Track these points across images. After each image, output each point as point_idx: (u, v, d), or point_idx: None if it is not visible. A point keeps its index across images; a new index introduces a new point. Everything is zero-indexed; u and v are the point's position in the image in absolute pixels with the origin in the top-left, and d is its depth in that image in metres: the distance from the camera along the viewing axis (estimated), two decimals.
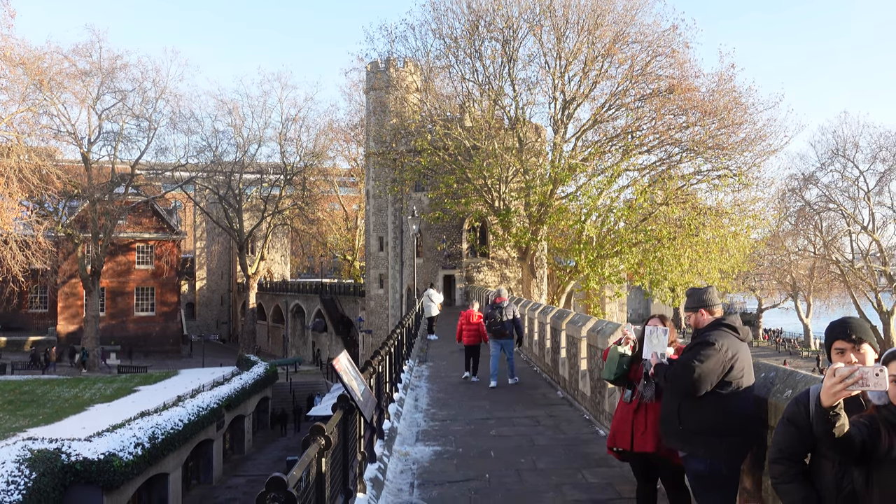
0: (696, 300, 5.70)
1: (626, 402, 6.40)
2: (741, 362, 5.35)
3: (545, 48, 38.96)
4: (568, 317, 15.32)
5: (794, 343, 74.39)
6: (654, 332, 5.79)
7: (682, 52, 38.17)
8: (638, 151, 38.65)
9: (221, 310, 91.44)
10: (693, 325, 5.71)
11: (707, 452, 5.26)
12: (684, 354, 5.43)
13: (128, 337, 66.81)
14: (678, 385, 5.34)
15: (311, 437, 5.03)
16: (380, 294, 51.79)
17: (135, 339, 67.03)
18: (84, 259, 58.12)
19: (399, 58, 48.07)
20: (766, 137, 37.93)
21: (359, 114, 70.15)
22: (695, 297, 5.74)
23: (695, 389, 5.24)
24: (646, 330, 5.93)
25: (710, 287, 5.86)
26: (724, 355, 5.26)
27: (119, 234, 64.34)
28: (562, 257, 43.93)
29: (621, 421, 6.38)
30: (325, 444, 5.05)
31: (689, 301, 5.78)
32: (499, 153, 38.00)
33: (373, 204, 52.04)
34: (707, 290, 5.78)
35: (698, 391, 5.24)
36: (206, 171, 67.93)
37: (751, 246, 42.47)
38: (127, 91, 57.85)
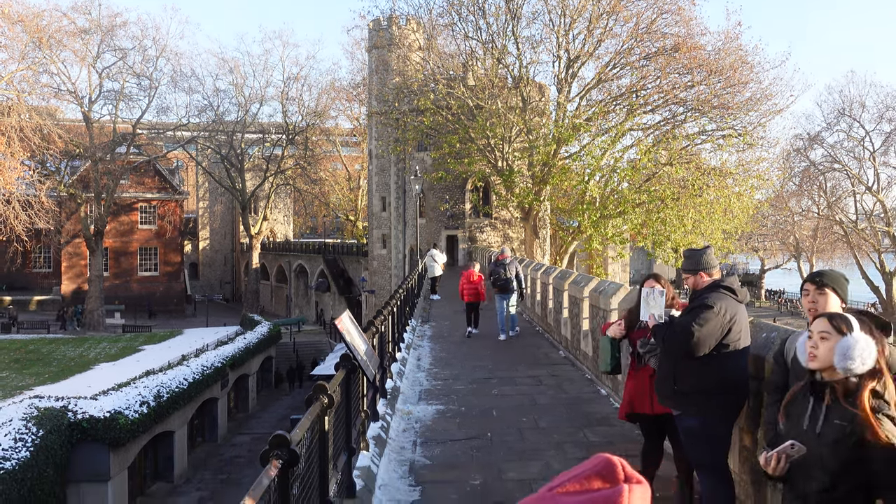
0: (694, 262, 5.70)
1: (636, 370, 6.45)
2: (738, 324, 5.39)
3: (549, 5, 38.43)
4: (570, 277, 15.36)
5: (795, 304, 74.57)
6: (651, 293, 5.80)
7: (688, 9, 37.66)
8: (642, 111, 38.31)
9: (225, 270, 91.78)
10: (691, 287, 5.72)
11: (700, 411, 5.32)
12: (683, 317, 5.45)
13: (132, 296, 67.19)
14: (676, 347, 5.37)
15: (314, 395, 5.08)
16: (382, 254, 51.89)
17: (139, 298, 67.41)
18: (87, 219, 58.19)
19: (402, 15, 47.54)
20: (772, 97, 37.61)
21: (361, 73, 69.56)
22: (693, 259, 5.73)
23: (693, 352, 5.28)
24: (642, 292, 5.94)
25: (708, 248, 5.85)
26: (722, 318, 5.29)
27: (121, 193, 64.31)
28: (565, 218, 43.85)
29: (636, 388, 6.43)
30: (327, 403, 5.10)
31: (686, 263, 5.78)
32: (502, 113, 37.73)
33: (375, 164, 51.86)
34: (705, 251, 5.77)
35: (696, 353, 5.28)
36: (207, 130, 67.59)
37: (754, 206, 42.32)
38: (127, 49, 57.42)
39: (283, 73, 74.11)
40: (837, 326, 3.48)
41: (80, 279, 64.34)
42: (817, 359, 3.50)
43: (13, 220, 40.63)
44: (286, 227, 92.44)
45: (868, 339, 3.44)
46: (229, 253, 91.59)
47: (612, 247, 44.42)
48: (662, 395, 5.63)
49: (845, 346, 3.41)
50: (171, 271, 70.84)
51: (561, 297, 15.86)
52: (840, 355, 3.42)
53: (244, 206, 72.41)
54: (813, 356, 3.52)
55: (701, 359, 5.30)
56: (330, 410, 5.19)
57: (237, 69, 71.14)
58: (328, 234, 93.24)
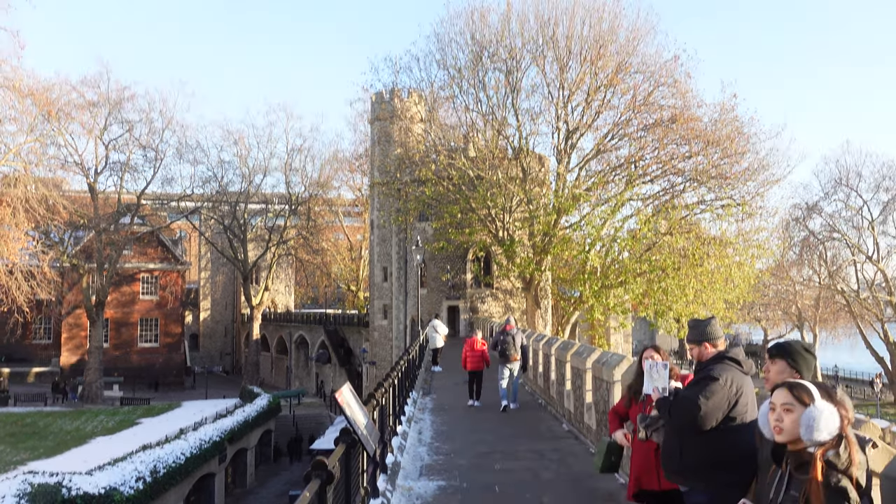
0: (699, 333, 5.65)
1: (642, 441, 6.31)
2: (745, 396, 5.30)
3: (548, 79, 39.29)
4: (573, 348, 15.22)
5: None
6: (655, 366, 5.72)
7: (683, 82, 38.42)
8: (641, 181, 38.71)
9: (225, 341, 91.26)
10: (696, 358, 5.65)
11: (708, 486, 5.18)
12: (689, 389, 5.36)
13: (131, 368, 66.63)
14: (683, 421, 5.27)
15: (312, 471, 4.97)
16: (383, 325, 51.64)
17: (138, 370, 66.84)
18: (89, 289, 58.17)
19: (403, 88, 48.47)
20: (769, 167, 38.05)
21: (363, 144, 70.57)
22: (697, 330, 5.68)
23: (700, 426, 5.17)
24: (645, 365, 5.86)
25: (713, 319, 5.80)
26: (728, 390, 5.20)
27: (124, 264, 64.42)
28: (566, 287, 43.81)
29: (642, 462, 6.27)
30: (326, 479, 4.99)
31: (691, 333, 5.72)
32: (502, 183, 38.12)
33: (377, 234, 52.11)
34: (709, 322, 5.72)
35: (703, 427, 5.17)
36: (211, 201, 68.16)
37: (755, 276, 42.28)
38: (134, 121, 58.36)
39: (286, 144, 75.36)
40: (799, 397, 3.48)
41: (80, 350, 63.91)
42: (784, 432, 3.52)
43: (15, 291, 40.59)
44: (287, 298, 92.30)
45: (831, 407, 3.46)
46: (230, 324, 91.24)
47: (614, 317, 44.23)
48: (669, 471, 5.50)
49: (810, 418, 3.43)
50: (172, 342, 70.43)
51: (563, 369, 15.70)
52: (805, 427, 3.43)
53: (246, 276, 72.46)
54: (779, 429, 3.53)
55: (708, 433, 5.19)
56: (329, 487, 5.07)
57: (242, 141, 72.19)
58: (329, 305, 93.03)
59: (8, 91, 38.40)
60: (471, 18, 40.08)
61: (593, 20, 38.63)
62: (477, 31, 39.89)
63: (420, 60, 41.93)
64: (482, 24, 39.96)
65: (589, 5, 38.89)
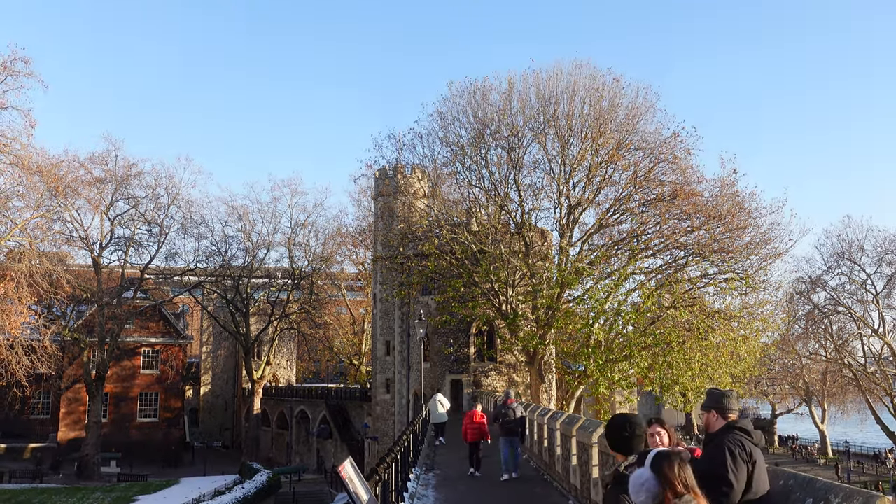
0: (714, 401, 5.65)
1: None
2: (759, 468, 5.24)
3: (550, 155, 39.87)
4: (578, 422, 15.02)
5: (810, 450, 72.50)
6: None
7: (683, 158, 38.95)
8: (644, 255, 38.82)
9: (225, 415, 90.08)
10: (704, 425, 5.65)
11: None
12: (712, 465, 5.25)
13: (129, 443, 65.61)
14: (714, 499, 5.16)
15: None
16: (386, 399, 51.06)
17: (136, 445, 65.80)
18: (89, 364, 57.82)
19: (407, 164, 49.10)
20: (771, 241, 38.20)
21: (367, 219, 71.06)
22: (713, 398, 5.69)
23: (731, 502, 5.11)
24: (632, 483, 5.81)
25: (732, 392, 5.80)
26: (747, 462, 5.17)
27: (125, 338, 64.19)
28: (570, 362, 43.46)
29: None
30: None
31: (707, 399, 5.74)
32: (505, 257, 38.26)
33: (380, 308, 52.04)
34: (728, 393, 5.72)
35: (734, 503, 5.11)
36: (214, 275, 68.34)
37: (761, 350, 42.01)
38: (140, 197, 59.08)
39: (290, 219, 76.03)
40: (640, 460, 3.92)
41: (78, 426, 63.06)
42: None
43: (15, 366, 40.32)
44: (289, 372, 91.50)
45: (646, 474, 3.78)
46: (231, 398, 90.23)
47: (620, 391, 43.77)
48: None
49: (633, 480, 3.86)
50: (171, 417, 69.56)
51: (569, 444, 15.45)
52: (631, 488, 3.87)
53: (248, 350, 72.07)
54: None
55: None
56: None
57: (246, 216, 72.85)
58: (331, 379, 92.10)
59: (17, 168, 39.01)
60: (473, 97, 40.98)
61: (593, 99, 39.46)
62: (479, 109, 40.72)
63: (423, 137, 42.64)
64: (484, 102, 40.82)
65: (589, 85, 39.78)
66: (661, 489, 3.76)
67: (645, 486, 3.82)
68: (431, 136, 42.52)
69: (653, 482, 3.77)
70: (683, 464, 3.95)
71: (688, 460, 5.30)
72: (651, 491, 3.78)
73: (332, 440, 66.19)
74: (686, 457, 4.07)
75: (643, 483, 3.83)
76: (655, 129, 40.15)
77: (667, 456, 3.93)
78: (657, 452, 4.00)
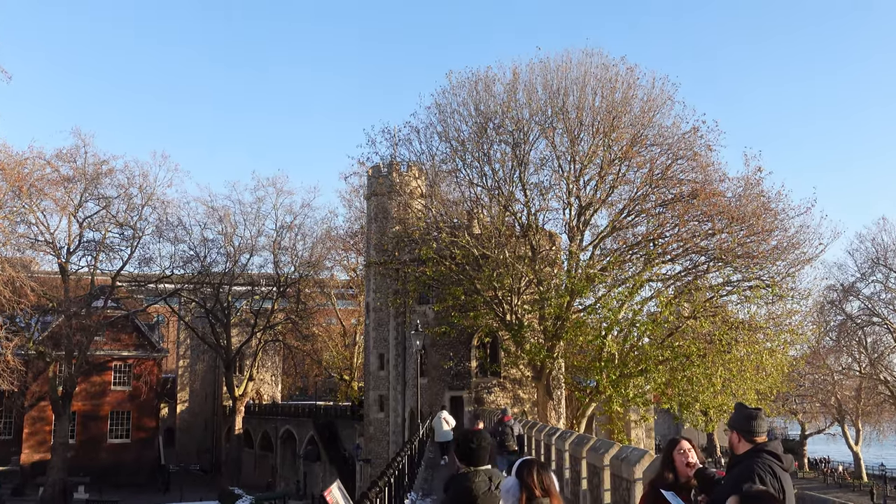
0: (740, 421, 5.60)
1: None
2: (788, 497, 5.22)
3: (558, 151, 39.86)
4: (588, 443, 15.00)
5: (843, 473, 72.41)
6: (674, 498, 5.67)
7: (704, 154, 38.94)
8: (661, 260, 38.81)
9: (204, 435, 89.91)
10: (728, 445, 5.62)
11: None
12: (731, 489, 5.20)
13: (99, 466, 65.43)
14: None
15: None
16: (380, 418, 50.98)
17: (107, 469, 65.64)
18: (55, 379, 57.72)
19: (402, 161, 49.13)
20: (800, 245, 38.15)
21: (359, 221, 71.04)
22: (740, 418, 5.64)
23: None
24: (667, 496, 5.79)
25: (761, 411, 5.76)
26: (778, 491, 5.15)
27: (95, 351, 64.05)
28: (581, 377, 43.40)
29: None
30: None
31: (734, 417, 5.70)
32: (510, 262, 38.24)
33: (373, 318, 51.99)
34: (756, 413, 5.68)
35: None
36: (192, 282, 68.30)
37: (789, 364, 41.96)
38: (111, 198, 59.06)
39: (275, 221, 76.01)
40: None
41: (44, 447, 62.94)
42: None
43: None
44: (274, 388, 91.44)
45: (512, 481, 4.76)
46: (210, 417, 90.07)
47: (635, 409, 43.71)
48: None
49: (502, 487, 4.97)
50: (145, 438, 69.49)
51: (578, 466, 15.43)
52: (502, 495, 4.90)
53: (228, 364, 71.98)
54: None
55: None
56: None
57: (227, 218, 72.78)
58: (320, 396, 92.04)
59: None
60: (474, 88, 40.99)
61: (605, 90, 39.48)
62: (481, 101, 40.75)
63: (420, 132, 42.67)
64: (487, 94, 40.84)
65: (601, 75, 39.81)
66: (521, 494, 4.71)
67: (510, 492, 4.79)
68: (429, 130, 42.57)
69: (516, 488, 4.63)
70: (543, 471, 4.95)
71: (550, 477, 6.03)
72: (515, 496, 4.73)
73: (321, 462, 66.08)
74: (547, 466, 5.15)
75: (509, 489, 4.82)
76: (673, 123, 40.20)
77: (527, 463, 4.98)
78: (521, 461, 4.97)
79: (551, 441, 19.44)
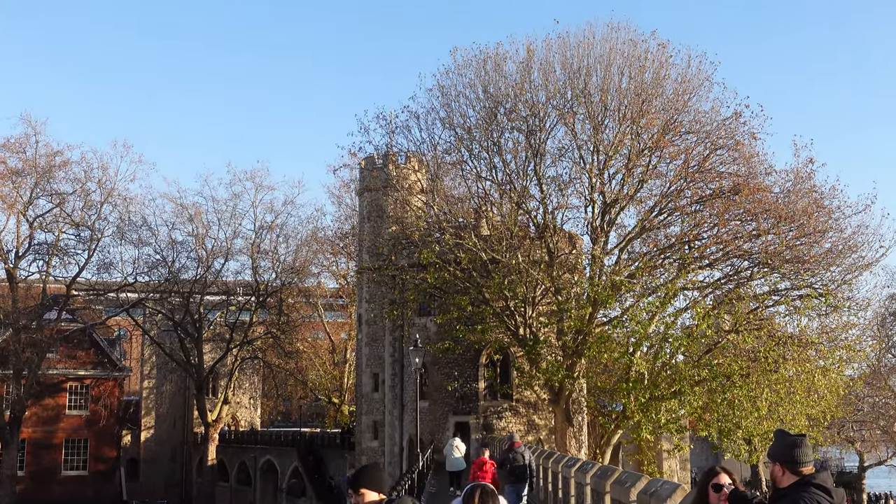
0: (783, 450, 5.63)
1: None
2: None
3: (579, 140, 39.83)
4: (613, 475, 15.03)
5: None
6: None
7: (748, 144, 38.91)
8: (698, 266, 38.79)
9: (172, 467, 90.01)
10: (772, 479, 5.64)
11: None
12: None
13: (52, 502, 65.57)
14: None
15: None
16: (373, 447, 51.05)
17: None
18: (2, 403, 57.83)
19: (400, 152, 49.20)
20: (858, 248, 38.10)
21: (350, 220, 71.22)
22: (782, 446, 5.67)
23: None
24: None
25: (804, 438, 5.78)
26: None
27: (48, 370, 64.21)
28: (606, 400, 43.39)
29: None
30: None
31: (775, 446, 5.72)
32: (523, 268, 38.25)
33: (366, 332, 52.05)
34: (800, 440, 5.70)
35: None
36: (159, 291, 68.42)
37: (845, 385, 41.89)
38: (66, 194, 59.17)
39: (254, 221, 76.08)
40: None
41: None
42: None
43: None
44: (252, 413, 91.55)
45: None
46: (178, 445, 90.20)
47: (667, 437, 43.65)
48: None
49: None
50: (104, 470, 69.58)
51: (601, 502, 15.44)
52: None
53: (200, 385, 72.07)
54: None
55: None
56: None
57: (198, 217, 72.85)
58: (305, 422, 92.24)
59: None
60: (483, 68, 40.98)
61: (634, 70, 39.48)
62: (491, 83, 40.76)
63: (420, 118, 42.67)
64: (497, 74, 40.83)
65: (628, 52, 39.80)
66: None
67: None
68: (431, 116, 42.58)
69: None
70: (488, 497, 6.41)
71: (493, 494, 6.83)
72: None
73: (306, 498, 66.21)
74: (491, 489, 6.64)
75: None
76: (711, 107, 40.17)
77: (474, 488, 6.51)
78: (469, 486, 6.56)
79: (570, 473, 19.46)
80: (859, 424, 67.37)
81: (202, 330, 72.25)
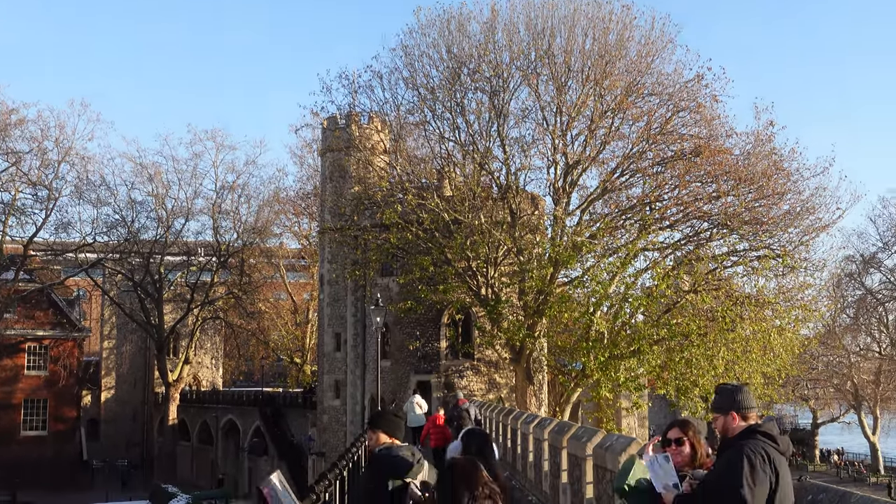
0: (726, 400, 5.71)
1: None
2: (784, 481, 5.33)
3: (542, 101, 39.85)
4: (569, 431, 15.23)
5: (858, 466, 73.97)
6: (654, 461, 5.64)
7: (709, 106, 39.13)
8: (658, 227, 39.09)
9: (133, 427, 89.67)
10: (719, 431, 5.70)
11: None
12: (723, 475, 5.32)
13: (11, 463, 64.99)
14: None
15: None
16: (335, 405, 51.19)
17: (20, 465, 65.24)
18: None
19: (363, 112, 48.85)
20: (815, 210, 38.56)
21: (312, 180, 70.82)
22: (724, 397, 5.75)
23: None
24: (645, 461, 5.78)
25: (744, 386, 5.89)
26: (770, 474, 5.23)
27: (5, 330, 63.62)
28: (566, 359, 43.78)
29: None
30: None
31: (717, 400, 5.79)
32: (486, 229, 38.32)
33: (328, 292, 51.98)
34: (740, 388, 5.81)
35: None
36: (118, 251, 67.76)
37: (800, 344, 42.57)
38: (23, 153, 58.30)
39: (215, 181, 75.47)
40: None
41: None
42: None
43: None
44: (214, 373, 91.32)
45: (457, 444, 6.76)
46: (139, 406, 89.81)
47: (626, 395, 44.20)
48: None
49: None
50: (64, 430, 69.21)
51: (558, 457, 15.67)
52: None
53: (161, 346, 71.74)
54: None
55: None
56: None
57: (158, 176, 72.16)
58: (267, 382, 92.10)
59: None
60: (446, 28, 40.74)
61: (598, 31, 39.44)
62: (454, 43, 40.55)
63: (383, 78, 42.41)
64: (461, 34, 40.62)
65: (592, 14, 39.74)
66: None
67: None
68: (394, 76, 42.32)
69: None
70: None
71: None
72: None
73: (268, 457, 66.34)
74: None
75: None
76: (674, 70, 40.31)
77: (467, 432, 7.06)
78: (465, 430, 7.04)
79: (528, 429, 19.68)
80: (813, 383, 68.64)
81: (163, 290, 71.80)
